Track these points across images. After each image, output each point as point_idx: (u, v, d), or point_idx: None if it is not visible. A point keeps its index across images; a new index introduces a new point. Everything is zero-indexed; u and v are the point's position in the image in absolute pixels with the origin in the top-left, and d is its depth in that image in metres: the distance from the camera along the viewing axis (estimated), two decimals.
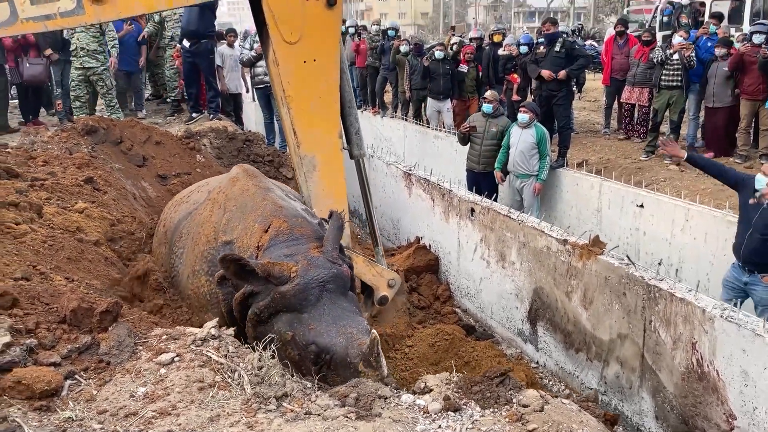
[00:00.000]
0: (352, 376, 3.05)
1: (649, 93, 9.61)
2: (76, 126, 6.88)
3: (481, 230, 6.53)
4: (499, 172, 7.93)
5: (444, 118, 11.07)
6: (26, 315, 2.80)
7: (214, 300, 3.82)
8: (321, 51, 4.62)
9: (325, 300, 3.36)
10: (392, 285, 5.61)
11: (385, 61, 12.30)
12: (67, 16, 3.71)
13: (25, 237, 3.80)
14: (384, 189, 8.81)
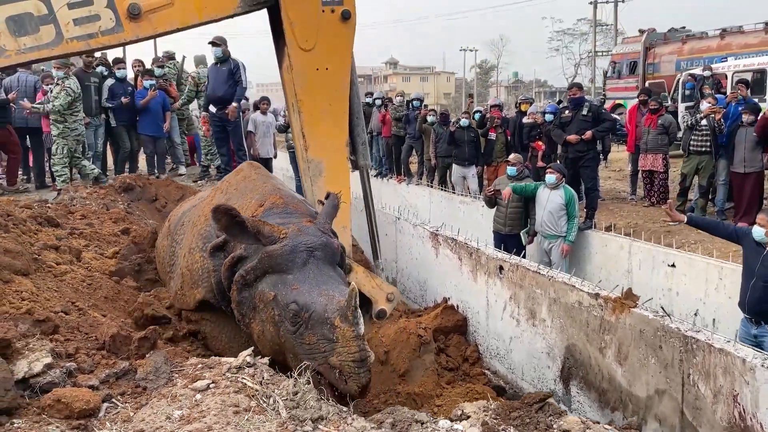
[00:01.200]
0: (329, 333, 3.03)
1: (663, 159, 9.67)
2: (114, 183, 7.11)
3: (510, 288, 6.48)
4: (509, 189, 7.93)
5: (469, 183, 11.22)
6: (67, 341, 2.85)
7: (206, 273, 3.81)
8: (334, 60, 4.80)
9: (311, 265, 3.39)
10: (391, 299, 5.47)
11: (411, 130, 12.62)
12: (108, 34, 3.95)
13: (65, 276, 3.89)
14: (410, 251, 8.84)
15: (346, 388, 3.03)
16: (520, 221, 8.20)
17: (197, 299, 3.87)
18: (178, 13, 4.18)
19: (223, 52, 9.31)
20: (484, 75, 72.92)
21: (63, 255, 4.26)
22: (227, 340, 3.87)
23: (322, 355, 3.10)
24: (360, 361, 3.04)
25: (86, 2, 3.86)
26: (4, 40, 3.72)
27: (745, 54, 16.64)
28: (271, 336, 3.38)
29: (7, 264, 3.52)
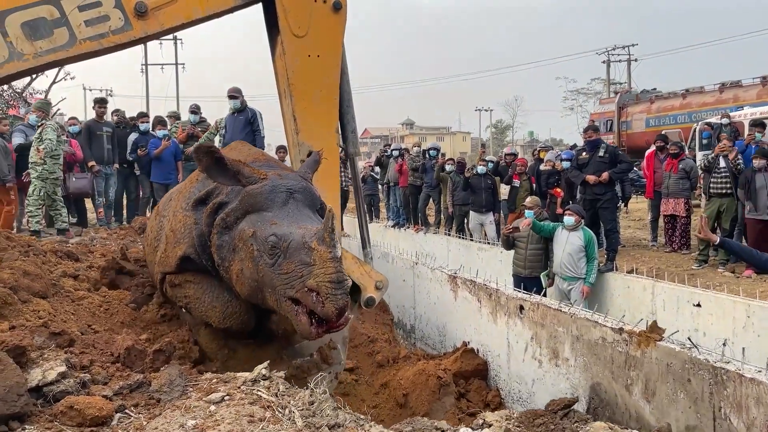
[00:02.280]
0: (306, 257, 3.01)
1: (685, 203, 9.57)
2: (134, 224, 7.19)
3: (532, 328, 6.34)
4: (529, 219, 7.84)
5: (487, 230, 11.19)
6: (82, 353, 2.82)
7: (188, 229, 3.78)
8: (325, 48, 4.95)
9: (291, 205, 3.41)
10: (380, 287, 5.40)
11: (428, 179, 12.71)
12: (119, 33, 4.10)
13: (83, 300, 3.89)
14: (429, 295, 8.74)
15: (323, 310, 3.00)
16: (541, 263, 8.11)
17: (179, 255, 3.82)
18: (182, 8, 4.33)
19: (240, 102, 9.56)
20: (500, 134, 73.84)
21: (81, 283, 4.28)
22: (210, 301, 3.78)
23: (299, 281, 3.08)
24: (337, 282, 3.03)
25: (95, 4, 4.03)
26: (22, 45, 3.86)
27: (704, 111, 19.03)
28: (250, 273, 3.35)
29: (26, 286, 3.53)
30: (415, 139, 72.84)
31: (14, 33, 3.90)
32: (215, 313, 3.72)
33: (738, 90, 19.04)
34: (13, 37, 3.90)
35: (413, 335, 9.38)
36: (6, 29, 3.90)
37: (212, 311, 3.72)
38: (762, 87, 18.29)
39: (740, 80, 19.50)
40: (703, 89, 20.22)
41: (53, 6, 3.92)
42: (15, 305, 3.16)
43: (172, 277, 3.97)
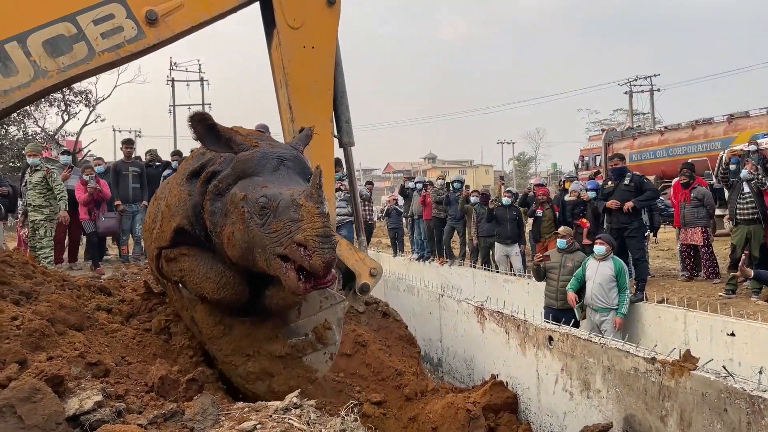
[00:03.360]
0: (295, 214, 3.07)
1: (702, 232, 9.41)
2: None
3: (561, 359, 6.25)
4: (572, 293, 7.73)
5: (513, 262, 11.12)
6: (117, 383, 2.86)
7: (183, 202, 3.82)
8: (319, 40, 5.13)
9: (282, 172, 3.47)
10: (374, 274, 5.44)
11: (452, 212, 12.72)
12: (133, 42, 4.27)
13: (116, 333, 3.95)
14: (456, 327, 8.67)
15: (311, 263, 3.03)
16: None
17: (173, 228, 3.86)
18: (189, 12, 4.50)
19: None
20: (523, 167, 73.74)
21: (114, 316, 4.35)
22: (204, 272, 3.80)
23: (288, 237, 3.12)
24: (324, 236, 3.07)
25: (109, 16, 4.19)
26: (45, 62, 4.02)
27: (678, 146, 21.26)
28: (241, 234, 3.40)
29: (62, 318, 3.61)
30: (438, 172, 73.12)
31: (37, 52, 4.07)
32: (209, 284, 3.76)
33: (707, 126, 20.90)
34: (36, 56, 4.07)
35: (441, 368, 9.29)
36: (29, 49, 4.08)
37: (206, 282, 3.77)
38: (728, 124, 20.01)
39: (711, 118, 21.22)
40: (680, 125, 22.40)
41: (69, 23, 4.10)
42: (52, 337, 3.23)
43: (168, 252, 4.01)
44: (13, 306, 3.55)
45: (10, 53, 4.03)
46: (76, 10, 4.16)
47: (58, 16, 4.12)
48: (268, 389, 3.91)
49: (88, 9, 4.17)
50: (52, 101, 26.53)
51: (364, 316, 7.86)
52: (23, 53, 4.06)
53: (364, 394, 6.57)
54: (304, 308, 4.22)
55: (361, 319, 7.81)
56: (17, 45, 4.04)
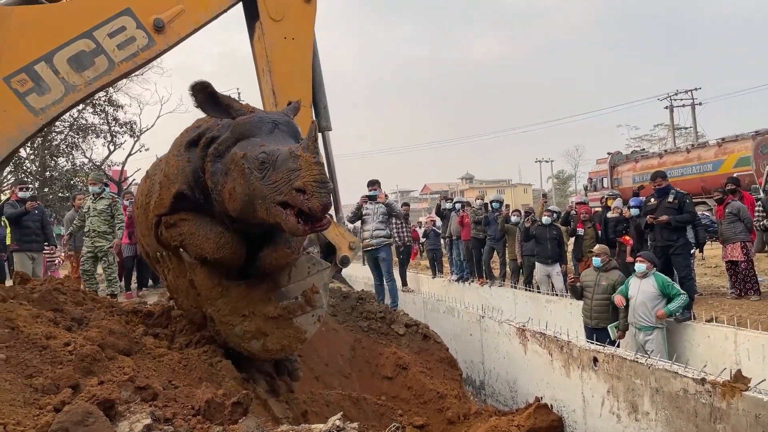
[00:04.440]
0: (293, 164, 3.32)
1: (742, 247, 9.10)
2: None
3: (607, 380, 6.12)
4: (620, 296, 7.57)
5: (554, 282, 10.96)
6: (165, 407, 2.93)
7: (182, 169, 4.01)
8: (298, 32, 5.54)
9: (277, 134, 3.73)
10: (353, 247, 5.84)
11: (492, 232, 12.62)
12: (146, 50, 4.61)
13: (163, 357, 4.05)
14: (497, 349, 8.57)
15: (310, 206, 3.32)
16: (608, 314, 7.87)
17: (173, 194, 4.05)
18: (191, 16, 4.83)
19: None
20: (562, 185, 72.83)
21: (161, 341, 4.46)
22: (204, 233, 4.01)
23: (287, 185, 3.38)
24: (321, 182, 3.34)
25: (121, 29, 4.53)
26: (72, 78, 4.27)
27: (676, 168, 22.53)
28: (242, 188, 3.62)
29: (111, 343, 3.72)
30: (476, 192, 72.85)
31: (64, 69, 4.34)
32: (209, 244, 3.98)
33: (701, 150, 22.66)
34: (64, 73, 4.34)
35: (483, 391, 9.18)
36: (57, 67, 4.36)
37: (206, 243, 3.98)
38: (718, 147, 21.61)
39: (707, 141, 23.45)
40: (679, 149, 24.86)
41: (88, 39, 4.38)
42: (103, 362, 3.33)
43: (167, 218, 4.20)
44: (66, 332, 3.68)
45: (41, 73, 4.30)
46: (91, 27, 4.45)
47: (76, 33, 4.42)
48: (262, 347, 4.20)
49: (102, 24, 4.48)
50: (99, 132, 27.45)
51: (405, 339, 7.84)
52: (52, 72, 4.34)
53: (406, 417, 6.54)
54: (294, 274, 4.51)
55: (401, 341, 7.80)
56: (46, 65, 4.32)
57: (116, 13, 4.54)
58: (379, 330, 7.86)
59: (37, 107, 4.28)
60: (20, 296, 4.15)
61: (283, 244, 4.24)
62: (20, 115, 4.25)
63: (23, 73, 4.24)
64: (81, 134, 27.26)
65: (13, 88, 4.21)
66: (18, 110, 4.24)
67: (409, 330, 7.96)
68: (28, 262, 9.48)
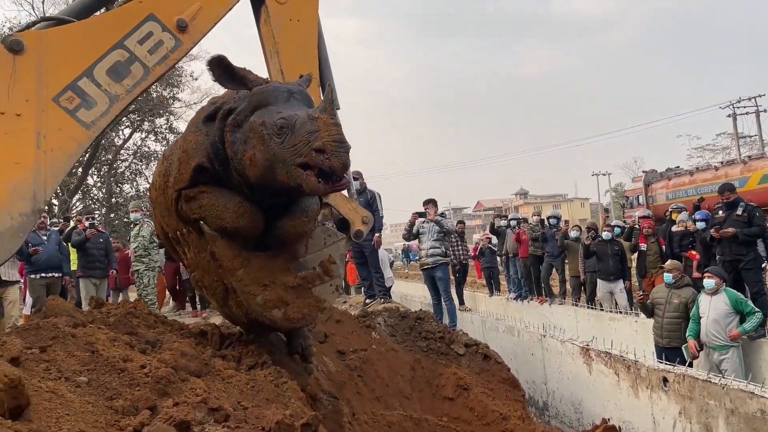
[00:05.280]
0: (312, 126, 3.41)
1: None
2: None
3: (678, 401, 5.90)
4: (692, 340, 7.29)
5: (618, 299, 10.67)
6: (237, 428, 3.00)
7: (200, 143, 4.09)
8: (303, 14, 5.67)
9: (292, 101, 3.81)
10: (366, 222, 5.80)
11: (550, 248, 12.41)
12: (175, 50, 4.75)
13: (231, 379, 4.13)
14: (560, 369, 8.39)
15: (330, 164, 3.42)
16: (680, 333, 7.59)
17: (193, 167, 4.12)
18: (209, 10, 4.96)
19: (360, 184, 10.00)
20: (621, 198, 70.89)
21: (228, 362, 4.56)
22: (223, 203, 4.09)
23: (307, 147, 3.47)
24: (340, 141, 3.45)
25: (148, 34, 4.66)
26: (114, 88, 4.46)
27: (706, 185, 23.35)
28: (261, 154, 3.70)
29: (183, 365, 3.83)
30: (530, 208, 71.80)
31: (104, 81, 4.56)
32: (228, 213, 4.07)
33: (728, 168, 23.62)
34: (105, 85, 4.55)
35: (547, 412, 8.98)
36: (98, 80, 4.57)
37: (225, 212, 4.08)
38: (743, 165, 22.71)
39: (734, 159, 24.91)
40: (712, 166, 25.62)
41: (121, 49, 4.59)
42: (176, 383, 3.43)
43: (187, 192, 4.26)
44: (141, 355, 3.81)
45: (85, 88, 4.52)
46: (121, 37, 4.66)
47: (109, 45, 4.64)
48: (283, 316, 4.28)
49: (131, 33, 4.70)
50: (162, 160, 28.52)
51: (465, 359, 7.76)
52: (95, 85, 4.56)
53: None
54: (311, 245, 4.58)
55: (461, 361, 7.72)
56: (88, 80, 4.55)
57: (141, 20, 4.76)
58: (438, 350, 7.80)
59: (88, 121, 4.51)
60: (98, 320, 4.33)
61: (300, 213, 4.33)
62: (74, 131, 4.47)
63: (69, 91, 4.47)
64: (144, 161, 28.38)
65: (63, 106, 4.43)
66: (72, 127, 4.46)
67: (469, 350, 7.87)
68: (92, 288, 9.96)
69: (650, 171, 30.33)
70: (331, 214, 5.77)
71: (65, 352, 3.40)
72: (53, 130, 4.35)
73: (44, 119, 4.34)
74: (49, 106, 4.37)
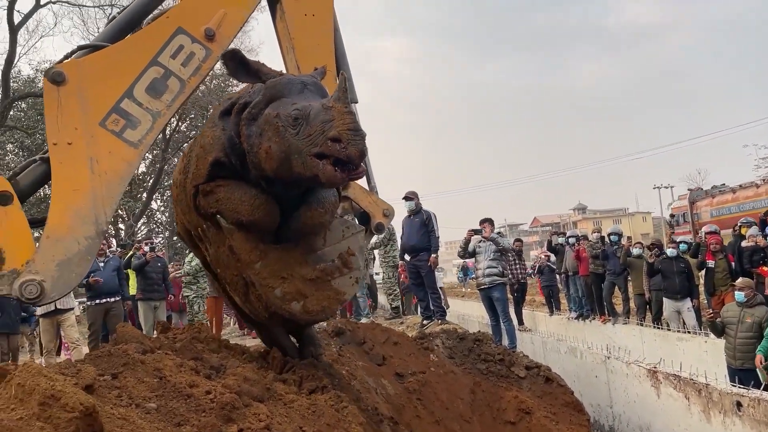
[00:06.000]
0: (326, 116, 3.45)
1: None
2: (327, 328, 7.64)
3: (754, 427, 5.61)
4: (761, 355, 6.94)
5: (685, 318, 10.28)
6: None
7: (217, 138, 4.11)
8: (318, 8, 5.63)
9: (306, 93, 3.81)
10: (387, 214, 5.63)
11: (611, 266, 12.09)
12: (207, 60, 4.84)
13: (293, 404, 4.18)
14: (626, 392, 8.11)
15: (346, 153, 3.44)
16: (754, 354, 7.23)
17: (210, 162, 4.14)
18: (234, 16, 5.01)
19: (415, 204, 10.03)
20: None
21: (289, 386, 4.61)
22: (239, 196, 4.09)
23: (323, 137, 3.47)
24: (355, 129, 3.46)
25: (180, 48, 4.74)
26: (155, 105, 4.59)
27: (747, 203, 24.75)
28: (277, 146, 3.71)
29: (246, 390, 3.90)
30: (590, 223, 70.11)
31: (145, 99, 4.69)
32: (244, 206, 4.08)
33: None
34: (146, 103, 4.68)
35: None
36: (139, 100, 4.70)
37: (241, 205, 4.09)
38: None
39: None
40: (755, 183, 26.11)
41: (156, 66, 4.71)
42: (240, 409, 3.50)
43: (204, 186, 4.26)
44: (206, 380, 3.90)
45: (128, 109, 4.67)
46: (154, 55, 4.78)
47: (145, 64, 4.77)
48: (302, 309, 4.24)
49: (162, 49, 4.83)
50: None
51: (526, 381, 7.61)
52: (136, 105, 4.70)
53: None
54: (329, 237, 4.53)
55: (522, 384, 7.57)
56: (129, 100, 4.69)
57: (170, 35, 4.86)
58: (498, 372, 7.68)
59: (135, 140, 4.64)
60: (165, 346, 4.46)
61: (317, 205, 4.30)
62: (124, 152, 4.61)
63: (114, 114, 4.61)
64: None
65: (110, 129, 4.57)
66: (121, 148, 4.60)
67: (530, 372, 7.72)
68: (150, 311, 10.35)
69: (695, 189, 31.96)
70: (352, 208, 5.73)
71: (135, 378, 3.51)
72: (104, 153, 4.52)
73: (94, 144, 4.51)
74: (97, 131, 4.52)
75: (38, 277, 4.22)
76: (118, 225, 30.84)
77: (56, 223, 4.35)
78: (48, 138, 4.46)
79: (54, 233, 4.30)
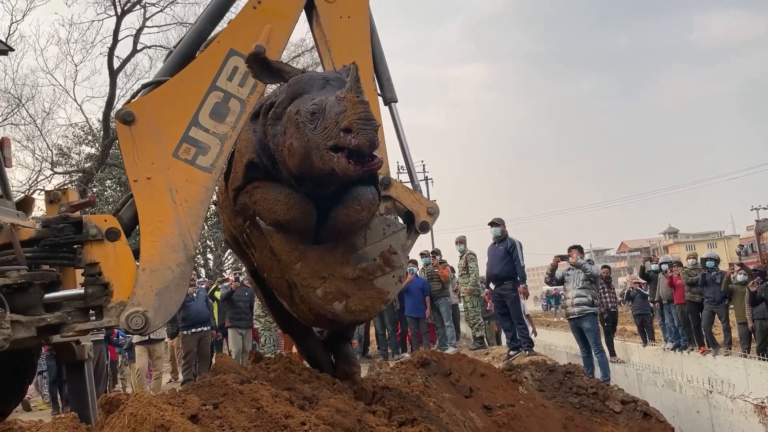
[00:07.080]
0: (339, 107, 3.47)
1: None
2: (413, 359, 7.62)
3: None
4: None
5: None
6: None
7: (249, 140, 4.21)
8: (353, 10, 5.58)
9: (328, 88, 3.79)
10: (432, 213, 5.40)
11: (710, 293, 11.43)
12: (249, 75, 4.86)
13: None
14: (732, 429, 7.60)
15: (357, 143, 3.43)
16: None
17: (244, 164, 4.22)
18: (280, 29, 4.99)
19: (501, 231, 9.90)
20: None
21: (379, 418, 4.62)
22: (274, 196, 4.12)
23: (336, 128, 3.46)
24: (366, 119, 3.45)
25: (234, 69, 4.75)
26: (220, 129, 4.70)
27: None
28: (298, 143, 3.72)
29: (339, 422, 3.94)
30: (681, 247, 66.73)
31: (210, 125, 4.80)
32: (280, 205, 4.11)
33: None
34: (212, 128, 4.80)
35: None
36: (204, 126, 4.82)
37: (277, 204, 4.12)
38: None
39: None
40: None
41: (215, 90, 4.81)
42: None
43: (242, 188, 4.33)
44: (300, 411, 3.98)
45: (196, 137, 4.81)
46: (212, 80, 4.91)
47: (204, 91, 4.89)
48: (345, 309, 4.20)
49: (219, 73, 4.94)
50: None
51: (622, 417, 7.28)
52: (203, 131, 4.83)
53: None
54: (369, 236, 4.47)
55: (618, 419, 7.25)
56: (196, 128, 4.83)
57: (224, 58, 4.97)
58: (592, 407, 7.39)
59: (207, 165, 4.76)
60: (260, 376, 4.59)
61: (352, 201, 4.22)
62: (199, 178, 4.75)
63: (184, 143, 4.73)
64: None
65: (183, 158, 4.70)
66: (196, 175, 4.74)
67: (626, 407, 7.38)
68: (239, 338, 10.70)
69: (762, 220, 32.36)
70: (395, 207, 5.67)
71: (234, 408, 3.63)
72: (181, 182, 4.64)
73: (171, 175, 4.64)
74: (172, 161, 4.63)
75: (141, 308, 4.44)
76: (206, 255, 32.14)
77: (149, 255, 4.56)
78: (129, 176, 4.70)
79: (149, 265, 4.50)
